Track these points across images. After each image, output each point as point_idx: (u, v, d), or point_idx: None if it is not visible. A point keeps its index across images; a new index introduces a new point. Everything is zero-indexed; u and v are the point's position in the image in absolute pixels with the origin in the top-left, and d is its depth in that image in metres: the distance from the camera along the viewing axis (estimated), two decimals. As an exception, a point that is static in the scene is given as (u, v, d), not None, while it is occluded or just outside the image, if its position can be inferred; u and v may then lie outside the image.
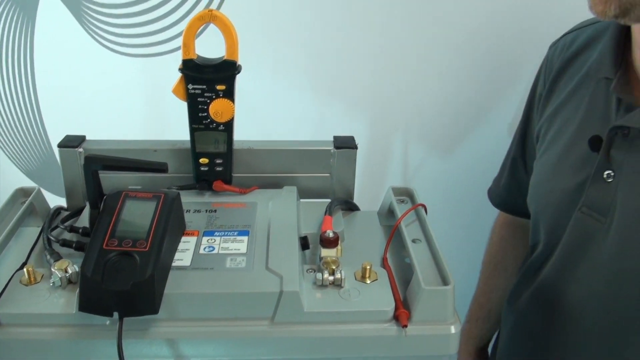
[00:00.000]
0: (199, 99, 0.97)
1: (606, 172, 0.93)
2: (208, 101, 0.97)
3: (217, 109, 0.97)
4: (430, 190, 1.50)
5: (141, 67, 1.54)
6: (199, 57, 0.95)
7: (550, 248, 1.05)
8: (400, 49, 1.46)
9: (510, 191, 1.27)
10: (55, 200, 1.06)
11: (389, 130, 1.53)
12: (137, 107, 1.58)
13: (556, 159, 1.05)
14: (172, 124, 1.00)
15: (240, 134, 1.05)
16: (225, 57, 0.95)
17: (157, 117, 1.57)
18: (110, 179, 0.98)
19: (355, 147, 1.06)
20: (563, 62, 1.10)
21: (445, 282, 0.81)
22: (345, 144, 1.06)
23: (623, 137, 0.92)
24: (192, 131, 0.99)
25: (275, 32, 1.46)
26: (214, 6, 1.45)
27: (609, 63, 0.97)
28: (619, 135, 0.92)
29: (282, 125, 1.53)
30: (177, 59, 0.95)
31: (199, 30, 0.93)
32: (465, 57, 1.47)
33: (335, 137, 1.07)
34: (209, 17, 0.93)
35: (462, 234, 1.62)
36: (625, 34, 0.98)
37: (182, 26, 0.92)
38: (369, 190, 1.36)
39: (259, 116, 1.49)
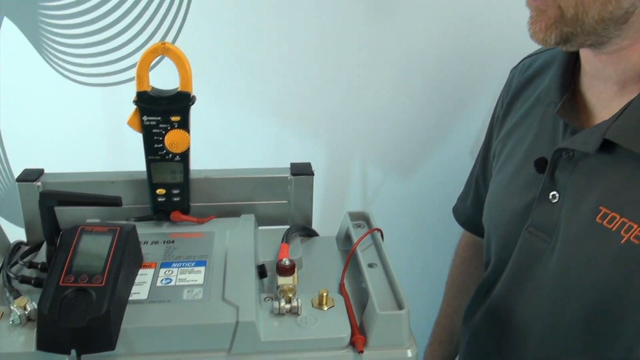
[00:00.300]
0: (154, 131, 0.97)
1: (551, 193, 0.96)
2: (163, 132, 0.97)
3: (172, 140, 0.97)
4: (391, 211, 1.52)
5: (102, 96, 1.54)
6: (153, 89, 0.96)
7: (501, 267, 1.07)
8: (356, 71, 1.47)
9: (475, 210, 1.28)
10: (22, 233, 1.05)
11: (347, 154, 1.54)
12: (99, 136, 1.58)
13: (507, 180, 1.07)
14: (134, 153, 1.00)
15: (199, 162, 1.06)
16: (179, 89, 0.96)
17: (118, 146, 1.57)
18: (70, 212, 0.97)
19: (312, 174, 1.06)
20: (519, 85, 1.13)
21: (400, 306, 0.82)
22: (302, 171, 1.07)
23: (568, 160, 0.94)
24: (148, 162, 1.00)
25: (233, 60, 1.47)
26: (172, 34, 1.46)
27: (556, 87, 1.00)
28: (564, 158, 0.94)
29: (240, 152, 1.54)
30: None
31: (155, 61, 0.94)
32: (424, 78, 1.48)
33: (292, 164, 1.08)
34: (161, 50, 0.93)
35: (425, 254, 1.64)
36: (574, 59, 1.01)
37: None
38: (330, 214, 1.37)
39: (217, 144, 1.50)
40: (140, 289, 0.84)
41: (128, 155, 1.53)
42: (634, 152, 0.85)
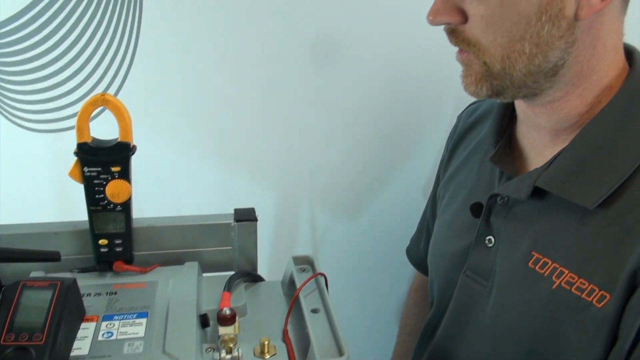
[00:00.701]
0: (95, 181, 0.97)
1: (487, 238, 0.98)
2: (104, 183, 0.97)
3: (113, 190, 0.97)
4: (340, 253, 1.52)
5: (50, 142, 1.54)
6: (94, 139, 0.97)
7: (442, 309, 1.08)
8: (303, 113, 1.48)
9: (427, 252, 1.29)
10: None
11: (295, 196, 1.55)
12: (47, 182, 1.57)
13: (448, 223, 1.09)
14: (82, 201, 1.00)
15: (148, 207, 1.06)
16: (119, 139, 0.96)
17: (66, 193, 1.56)
18: (14, 265, 0.97)
19: (255, 219, 1.07)
20: (463, 130, 1.17)
21: (340, 352, 0.82)
22: (246, 217, 1.07)
23: (502, 205, 0.96)
24: (90, 213, 1.00)
25: (179, 105, 1.48)
26: (118, 79, 1.46)
27: (492, 134, 1.02)
28: (498, 203, 0.96)
29: (189, 196, 1.53)
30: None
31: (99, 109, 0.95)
32: (372, 119, 1.49)
33: (235, 210, 1.09)
34: (101, 102, 0.94)
35: (376, 296, 1.64)
36: (511, 106, 1.03)
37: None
38: (279, 258, 1.37)
39: (166, 189, 1.49)
40: (81, 344, 0.83)
41: (76, 203, 1.52)
42: (564, 199, 0.88)
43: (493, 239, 0.97)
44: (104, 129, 0.99)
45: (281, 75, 1.45)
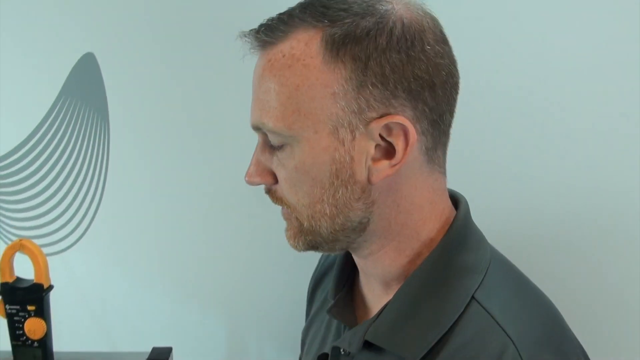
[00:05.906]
0: (15, 318, 1.06)
1: None
2: (23, 320, 1.06)
3: (30, 327, 1.06)
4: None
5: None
6: (17, 279, 1.05)
7: None
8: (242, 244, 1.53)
9: None
10: None
11: (244, 330, 1.56)
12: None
13: None
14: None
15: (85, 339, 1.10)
16: (34, 281, 1.04)
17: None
18: None
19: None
20: (321, 272, 1.16)
21: None
22: (160, 356, 1.12)
23: (345, 355, 0.94)
24: (13, 347, 1.08)
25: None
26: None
27: (332, 287, 1.02)
28: (341, 354, 0.94)
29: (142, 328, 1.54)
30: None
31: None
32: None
33: (153, 349, 1.13)
34: (18, 246, 1.04)
35: None
36: (351, 256, 1.02)
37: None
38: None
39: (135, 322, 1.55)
40: None
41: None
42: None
43: None
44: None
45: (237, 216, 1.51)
